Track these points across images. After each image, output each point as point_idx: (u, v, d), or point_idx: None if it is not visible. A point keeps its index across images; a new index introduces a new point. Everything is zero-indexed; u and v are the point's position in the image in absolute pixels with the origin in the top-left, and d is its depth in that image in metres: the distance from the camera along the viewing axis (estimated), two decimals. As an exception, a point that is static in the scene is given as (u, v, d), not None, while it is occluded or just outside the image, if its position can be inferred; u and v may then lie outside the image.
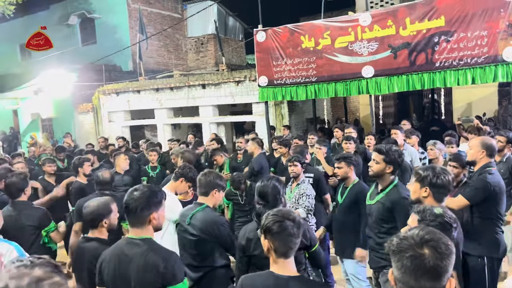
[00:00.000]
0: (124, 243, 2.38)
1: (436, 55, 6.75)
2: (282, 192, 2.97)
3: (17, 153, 8.24)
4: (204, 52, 19.74)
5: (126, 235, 2.47)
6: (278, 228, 1.99)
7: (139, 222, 2.33)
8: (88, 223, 2.91)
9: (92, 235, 2.92)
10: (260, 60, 8.59)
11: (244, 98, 10.89)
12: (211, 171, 3.39)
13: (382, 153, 3.43)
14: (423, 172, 2.76)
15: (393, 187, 3.41)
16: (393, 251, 1.41)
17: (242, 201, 4.99)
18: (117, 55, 15.08)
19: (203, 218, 3.10)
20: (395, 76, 7.20)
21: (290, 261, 2.03)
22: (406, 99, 15.58)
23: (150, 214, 2.32)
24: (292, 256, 2.03)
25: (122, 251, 2.32)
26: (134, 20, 16.94)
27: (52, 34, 18.73)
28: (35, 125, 16.81)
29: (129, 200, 2.33)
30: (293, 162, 4.73)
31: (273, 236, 1.99)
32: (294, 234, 2.00)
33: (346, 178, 4.15)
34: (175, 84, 12.12)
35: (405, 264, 1.36)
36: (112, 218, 2.96)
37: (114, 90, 13.52)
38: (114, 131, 12.97)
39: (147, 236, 2.34)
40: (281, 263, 2.01)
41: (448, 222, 2.07)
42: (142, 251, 2.27)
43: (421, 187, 2.75)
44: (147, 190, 2.38)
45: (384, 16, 7.21)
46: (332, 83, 7.81)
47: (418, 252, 1.36)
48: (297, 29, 8.06)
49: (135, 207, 2.30)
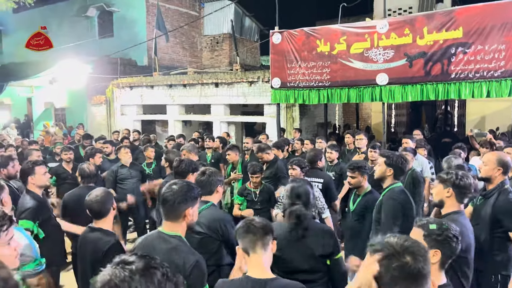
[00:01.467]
0: (155, 236, 2.39)
1: (452, 66, 6.71)
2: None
3: (33, 140, 8.37)
4: (219, 51, 19.81)
5: (158, 228, 2.44)
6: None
7: (174, 216, 2.35)
8: (95, 213, 2.89)
9: (96, 225, 2.90)
10: (275, 61, 8.60)
11: (256, 99, 10.91)
12: (209, 169, 3.35)
13: (384, 156, 3.61)
14: (446, 175, 2.89)
15: (390, 189, 3.49)
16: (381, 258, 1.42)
17: (255, 197, 4.94)
18: (133, 50, 15.20)
19: (210, 215, 3.10)
20: (409, 85, 7.16)
21: (266, 263, 2.10)
22: (419, 109, 15.48)
23: (186, 208, 2.35)
24: (265, 257, 2.10)
25: (152, 244, 2.35)
26: (152, 15, 17.05)
27: (70, 25, 19.07)
28: (48, 114, 17.02)
29: (167, 193, 2.36)
30: (293, 165, 4.66)
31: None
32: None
33: (360, 186, 4.13)
34: (189, 81, 12.17)
35: (394, 275, 1.38)
36: (114, 204, 2.98)
37: (128, 84, 13.62)
38: (126, 125, 13.06)
39: (177, 234, 2.35)
40: (257, 266, 2.06)
41: (454, 235, 2.06)
42: (168, 248, 2.28)
43: (444, 187, 2.88)
44: (185, 185, 2.42)
45: (401, 24, 7.18)
46: (345, 89, 7.80)
47: (402, 261, 1.38)
48: (313, 32, 8.06)
49: (172, 200, 2.33)
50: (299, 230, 2.76)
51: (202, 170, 3.33)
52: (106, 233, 2.86)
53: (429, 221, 2.18)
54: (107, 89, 14.24)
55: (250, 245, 2.14)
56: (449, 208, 2.91)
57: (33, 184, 3.80)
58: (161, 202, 2.40)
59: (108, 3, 18.20)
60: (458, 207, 2.90)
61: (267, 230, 2.18)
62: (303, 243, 2.76)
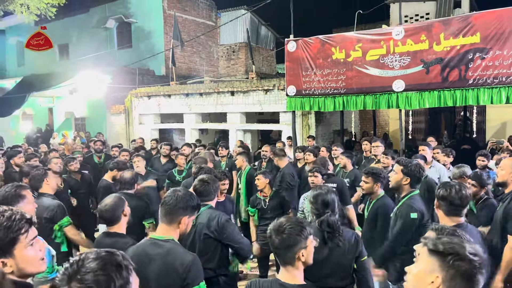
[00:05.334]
0: (147, 243, 2.44)
1: (470, 72, 6.61)
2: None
3: (53, 149, 8.54)
4: (235, 60, 19.97)
5: (149, 235, 2.50)
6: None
7: (170, 219, 2.42)
8: (107, 220, 2.97)
9: (111, 230, 2.98)
10: (290, 69, 8.63)
11: (272, 107, 10.94)
12: (208, 177, 3.46)
13: (401, 164, 3.56)
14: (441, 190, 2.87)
15: (407, 198, 3.44)
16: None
17: (265, 205, 4.96)
18: (151, 60, 15.46)
19: (208, 215, 3.23)
20: (426, 92, 7.08)
21: (297, 270, 2.04)
22: (438, 116, 15.28)
23: (183, 216, 2.43)
24: (296, 265, 2.03)
25: (145, 251, 2.38)
26: (169, 26, 17.32)
27: (90, 36, 19.50)
28: (68, 123, 17.38)
29: (170, 197, 2.45)
30: (314, 173, 4.73)
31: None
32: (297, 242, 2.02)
33: (372, 193, 4.10)
34: (205, 90, 12.29)
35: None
36: (126, 209, 3.03)
37: (146, 93, 13.83)
38: (144, 133, 13.25)
39: (170, 237, 2.40)
40: (288, 271, 2.02)
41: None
42: (163, 252, 2.32)
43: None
44: (189, 194, 2.52)
45: (417, 31, 7.12)
46: (361, 96, 7.76)
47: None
48: (328, 40, 8.06)
49: (174, 204, 2.41)
50: (335, 240, 2.77)
51: (202, 178, 3.42)
52: (122, 236, 2.94)
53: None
54: (125, 98, 14.49)
55: (279, 255, 2.09)
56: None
57: (47, 185, 3.95)
58: (161, 204, 2.47)
59: (126, 15, 18.57)
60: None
61: (294, 241, 2.05)
62: (336, 251, 2.78)
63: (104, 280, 1.19)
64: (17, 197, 2.85)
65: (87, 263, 1.21)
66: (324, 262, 2.73)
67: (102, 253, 1.27)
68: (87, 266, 1.20)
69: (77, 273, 1.19)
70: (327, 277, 2.74)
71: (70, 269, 1.21)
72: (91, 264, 1.20)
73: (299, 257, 1.99)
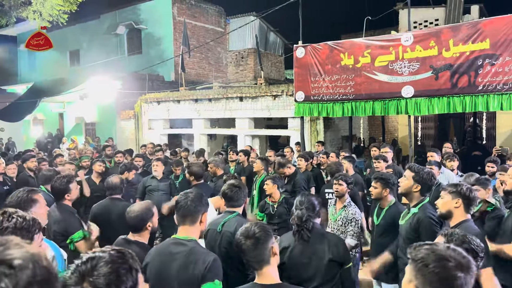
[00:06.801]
0: (170, 242, 2.51)
1: (479, 78, 6.59)
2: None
3: (60, 154, 8.63)
4: (243, 66, 20.06)
5: (172, 236, 2.56)
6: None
7: (192, 220, 2.50)
8: (132, 227, 2.98)
9: (132, 238, 2.97)
10: (298, 75, 8.66)
11: (280, 112, 10.97)
12: (237, 182, 3.46)
13: (413, 170, 3.44)
14: (455, 187, 2.91)
15: (421, 207, 3.37)
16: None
17: (273, 211, 4.96)
18: (161, 66, 15.60)
19: (237, 223, 3.15)
20: (435, 98, 7.07)
21: (273, 268, 2.14)
22: (447, 122, 15.17)
23: (203, 212, 2.54)
24: (271, 261, 2.12)
25: (168, 249, 2.46)
26: (179, 32, 17.47)
27: (101, 42, 19.73)
28: (78, 128, 17.57)
29: (184, 200, 2.53)
30: (339, 180, 4.51)
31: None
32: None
33: (381, 199, 4.00)
34: (214, 95, 12.37)
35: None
36: (154, 221, 3.05)
37: (156, 99, 13.95)
38: (153, 138, 13.34)
39: (192, 238, 2.48)
40: (264, 274, 2.10)
41: (474, 250, 2.03)
42: (186, 250, 2.40)
43: (452, 198, 2.90)
44: (199, 193, 2.63)
45: (426, 37, 7.13)
46: (370, 102, 7.76)
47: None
48: (336, 46, 8.09)
49: (191, 205, 2.50)
50: (303, 232, 2.82)
51: (233, 183, 3.40)
52: (142, 246, 2.91)
53: (454, 231, 2.18)
54: (135, 104, 14.62)
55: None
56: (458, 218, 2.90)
57: (69, 200, 3.89)
58: (176, 209, 2.53)
59: (136, 21, 18.76)
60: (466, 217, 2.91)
61: (264, 238, 2.17)
62: (310, 249, 2.81)
63: (116, 284, 1.23)
64: (30, 201, 2.87)
65: (99, 266, 1.24)
66: (299, 261, 2.80)
67: (114, 255, 1.29)
68: (99, 270, 1.22)
69: (89, 274, 1.22)
70: (304, 279, 2.77)
71: (82, 267, 1.24)
72: (104, 269, 1.23)
73: (273, 251, 2.14)
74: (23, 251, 0.92)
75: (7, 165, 6.60)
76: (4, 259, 0.89)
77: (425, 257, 1.47)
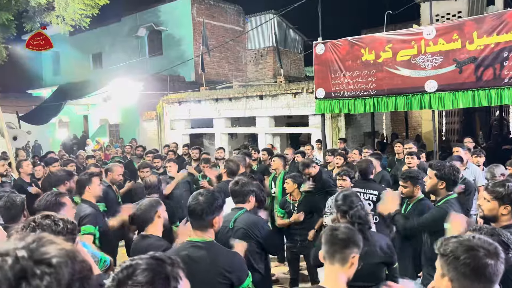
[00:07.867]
0: (188, 246, 2.48)
1: (505, 70, 6.42)
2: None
3: (90, 155, 8.84)
4: (263, 64, 20.07)
5: (187, 238, 2.55)
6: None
7: (203, 226, 2.47)
8: (139, 221, 3.06)
9: (146, 232, 3.05)
10: (318, 72, 8.61)
11: (301, 110, 10.93)
12: (241, 179, 3.49)
13: (434, 168, 3.41)
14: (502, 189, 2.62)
15: (444, 202, 3.35)
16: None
17: (293, 210, 4.95)
18: (181, 66, 15.76)
19: (246, 219, 3.23)
20: (460, 92, 6.92)
21: (342, 278, 2.04)
22: (472, 116, 14.84)
23: (213, 218, 2.48)
24: (341, 271, 2.03)
25: (187, 254, 2.41)
26: (198, 33, 17.60)
27: (122, 45, 20.05)
28: (103, 130, 17.92)
29: (194, 204, 2.47)
30: (342, 176, 4.62)
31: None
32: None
33: (412, 196, 3.98)
34: (234, 94, 12.42)
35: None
36: (160, 211, 3.08)
37: (177, 99, 14.10)
38: (175, 139, 13.49)
39: (209, 239, 2.47)
40: (331, 278, 2.05)
41: (505, 242, 1.99)
42: (208, 254, 2.38)
43: (500, 205, 2.62)
44: (211, 195, 2.53)
45: (449, 30, 6.98)
46: (392, 97, 7.65)
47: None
48: (357, 42, 8.00)
49: (200, 210, 2.44)
50: (365, 231, 2.78)
51: (236, 180, 3.45)
52: (157, 238, 3.00)
53: (483, 226, 2.16)
54: (157, 105, 14.80)
55: (328, 255, 2.06)
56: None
57: (89, 193, 4.05)
58: (188, 213, 2.51)
59: (157, 23, 18.99)
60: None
61: (347, 243, 2.06)
62: (365, 249, 2.77)
63: None
64: (58, 205, 2.96)
65: (136, 274, 1.21)
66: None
67: (153, 263, 1.26)
68: (134, 279, 1.20)
69: (125, 283, 1.20)
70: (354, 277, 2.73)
71: (119, 275, 1.22)
72: (140, 277, 1.20)
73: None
74: (58, 248, 0.92)
75: (34, 167, 6.80)
76: (42, 258, 0.89)
77: (454, 250, 1.50)
